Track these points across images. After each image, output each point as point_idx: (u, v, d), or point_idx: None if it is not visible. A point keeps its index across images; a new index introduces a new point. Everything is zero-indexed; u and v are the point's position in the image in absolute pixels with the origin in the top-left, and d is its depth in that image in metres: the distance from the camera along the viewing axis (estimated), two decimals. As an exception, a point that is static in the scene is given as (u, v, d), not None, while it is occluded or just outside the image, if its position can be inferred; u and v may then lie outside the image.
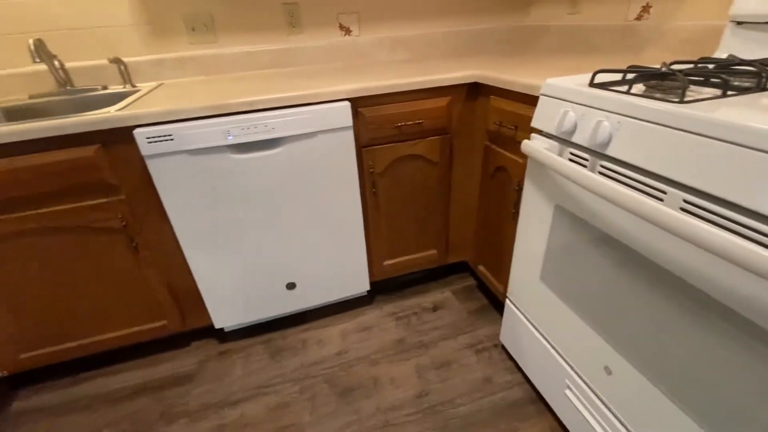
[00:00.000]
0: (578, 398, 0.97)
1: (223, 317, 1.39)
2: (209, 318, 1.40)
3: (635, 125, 0.68)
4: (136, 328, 1.32)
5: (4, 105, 1.32)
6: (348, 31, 1.66)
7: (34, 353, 1.26)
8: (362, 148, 1.29)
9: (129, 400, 1.27)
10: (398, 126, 1.27)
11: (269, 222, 1.26)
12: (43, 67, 1.40)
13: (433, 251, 1.58)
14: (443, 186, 1.44)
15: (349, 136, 1.22)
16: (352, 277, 1.49)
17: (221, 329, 1.53)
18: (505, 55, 1.59)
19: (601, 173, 0.77)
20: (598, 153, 0.78)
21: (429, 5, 1.71)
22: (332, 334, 1.48)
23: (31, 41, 1.22)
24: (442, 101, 1.28)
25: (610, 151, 0.74)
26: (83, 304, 1.24)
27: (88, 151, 1.04)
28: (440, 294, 1.65)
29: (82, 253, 1.16)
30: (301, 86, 1.20)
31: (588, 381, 0.93)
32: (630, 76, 0.86)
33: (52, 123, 0.99)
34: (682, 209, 0.62)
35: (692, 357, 0.65)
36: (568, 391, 1.01)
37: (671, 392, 0.70)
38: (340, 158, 1.24)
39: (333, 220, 1.34)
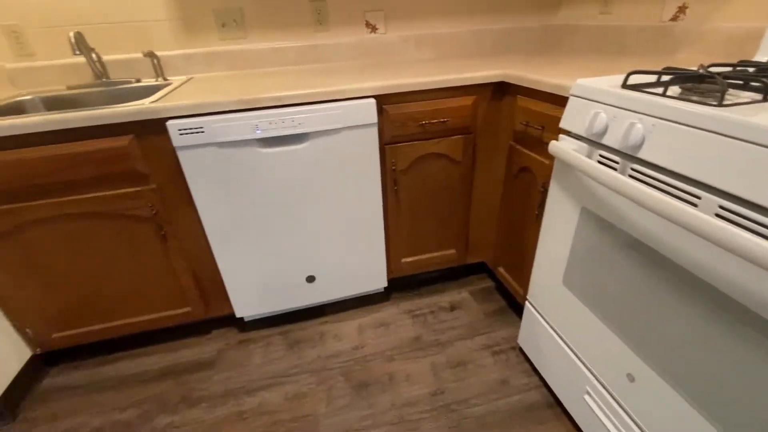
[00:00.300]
0: (598, 404, 0.96)
1: (244, 307, 1.42)
2: (231, 307, 1.43)
3: (670, 128, 0.67)
4: (161, 314, 1.36)
5: (44, 95, 1.38)
6: (374, 29, 1.67)
7: (66, 333, 1.31)
8: (385, 145, 1.29)
9: (153, 382, 1.32)
10: (422, 124, 1.27)
11: (292, 215, 1.28)
12: (81, 59, 1.45)
13: (452, 251, 1.58)
14: (465, 185, 1.44)
15: (373, 133, 1.23)
16: (371, 273, 1.50)
17: (241, 318, 1.56)
18: (533, 55, 1.57)
19: (631, 176, 0.76)
20: (629, 156, 0.76)
21: (457, 4, 1.70)
22: (349, 328, 1.50)
23: (71, 34, 1.27)
24: (467, 100, 1.28)
25: (643, 154, 0.72)
26: (113, 288, 1.28)
27: (123, 141, 1.08)
28: (458, 294, 1.65)
29: (114, 239, 1.21)
30: (328, 83, 1.21)
31: (609, 387, 0.92)
32: (665, 77, 0.84)
33: (90, 113, 1.03)
34: (717, 215, 0.60)
35: (723, 369, 0.63)
36: (587, 397, 0.99)
37: (698, 403, 0.69)
38: (363, 155, 1.25)
39: (354, 215, 1.35)
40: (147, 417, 1.20)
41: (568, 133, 0.96)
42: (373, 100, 1.18)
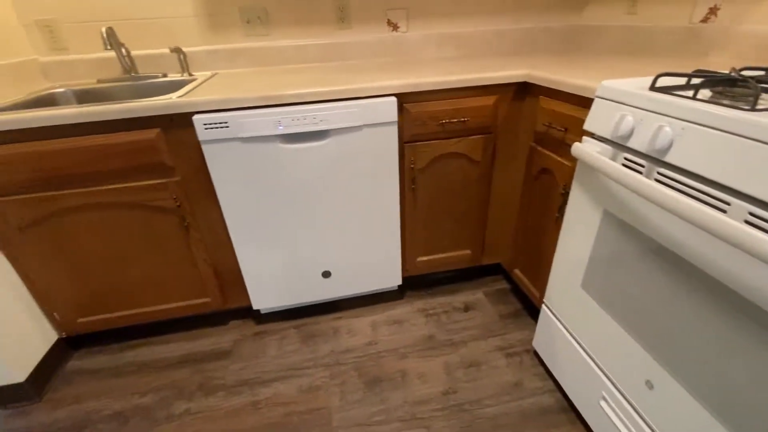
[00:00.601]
0: (614, 411, 0.95)
1: (261, 299, 1.44)
2: (248, 299, 1.46)
3: (700, 132, 0.66)
4: (181, 303, 1.40)
5: (75, 88, 1.43)
6: (396, 27, 1.67)
7: (90, 318, 1.36)
8: (405, 143, 1.30)
9: (172, 369, 1.36)
10: (442, 123, 1.27)
11: (311, 211, 1.30)
12: (111, 54, 1.50)
13: (468, 251, 1.57)
14: (483, 186, 1.43)
15: (393, 131, 1.24)
16: (385, 270, 1.51)
17: (257, 311, 1.59)
18: (556, 55, 1.55)
19: (657, 180, 0.74)
20: (656, 159, 0.75)
21: (479, 3, 1.69)
22: (363, 324, 1.51)
23: (103, 29, 1.31)
24: (488, 100, 1.27)
25: (670, 158, 0.71)
26: (136, 277, 1.32)
27: (150, 134, 1.11)
28: (472, 295, 1.64)
29: (139, 229, 1.24)
30: (349, 80, 1.22)
31: (626, 394, 0.90)
32: (696, 80, 0.82)
33: (121, 106, 1.06)
34: (747, 222, 0.59)
35: (749, 380, 0.62)
36: (603, 403, 0.98)
37: (720, 414, 0.67)
38: (382, 152, 1.26)
39: (371, 213, 1.36)
40: (165, 402, 1.24)
41: (592, 135, 0.95)
42: (394, 99, 1.19)
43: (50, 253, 1.22)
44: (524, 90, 1.30)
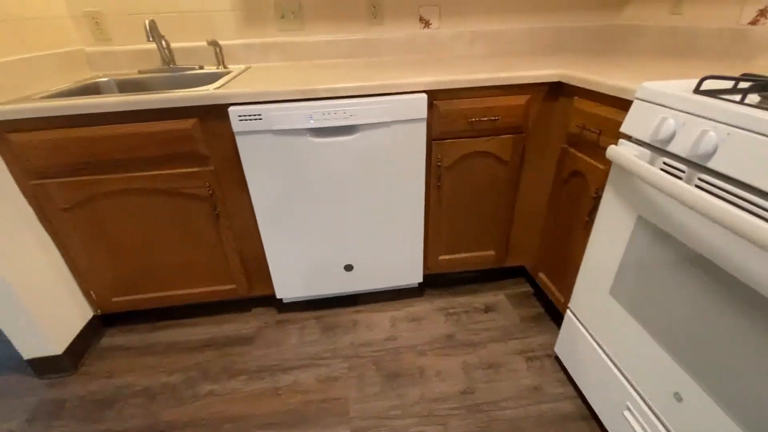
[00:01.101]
0: (638, 422, 0.92)
1: (284, 289, 1.48)
2: (272, 288, 1.50)
3: (747, 138, 0.63)
4: (209, 288, 1.45)
5: (118, 78, 1.49)
6: (428, 24, 1.67)
7: (124, 298, 1.43)
8: (433, 140, 1.29)
9: (198, 351, 1.41)
10: (471, 121, 1.26)
11: (337, 204, 1.32)
12: (152, 45, 1.56)
13: (491, 252, 1.56)
14: (510, 186, 1.41)
15: (422, 128, 1.24)
16: (407, 267, 1.52)
17: (280, 300, 1.63)
18: (592, 55, 1.51)
19: (698, 186, 0.72)
20: (697, 165, 0.72)
21: (514, 1, 1.66)
22: (382, 319, 1.52)
23: (146, 22, 1.36)
24: (520, 99, 1.25)
25: (713, 164, 0.68)
26: (168, 261, 1.38)
27: (187, 123, 1.15)
28: (493, 296, 1.63)
29: (172, 215, 1.29)
30: (381, 76, 1.23)
31: (652, 405, 0.88)
32: (743, 84, 0.79)
33: (161, 96, 1.10)
34: (796, 234, 0.56)
35: (787, 395, 0.60)
36: (627, 413, 0.96)
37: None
38: (410, 149, 1.26)
39: (395, 209, 1.37)
40: (191, 383, 1.29)
41: (629, 138, 0.92)
42: (424, 95, 1.19)
43: (90, 234, 1.29)
44: (558, 90, 1.27)
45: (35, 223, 1.23)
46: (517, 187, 1.43)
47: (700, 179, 0.72)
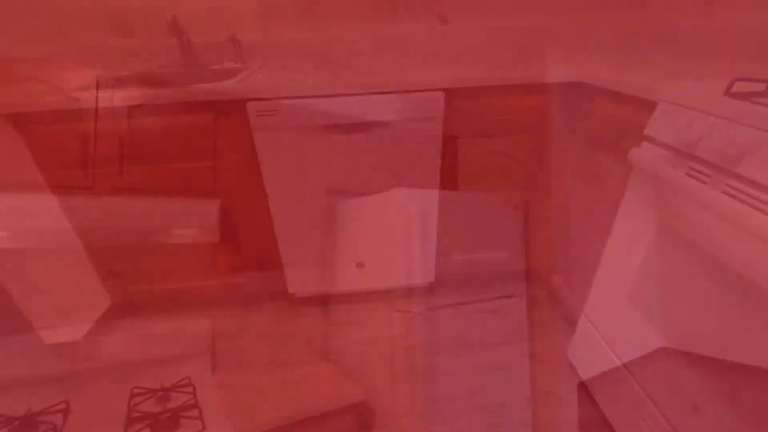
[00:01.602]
0: (654, 432, 0.90)
1: (297, 284, 1.49)
2: (284, 282, 1.51)
3: (781, 143, 0.60)
4: (222, 281, 1.47)
5: (139, 72, 1.52)
6: (445, 21, 1.65)
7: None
8: (448, 139, 1.28)
9: (210, 343, 1.43)
10: (488, 121, 1.25)
11: (353, 201, 1.32)
12: (173, 40, 1.58)
13: (506, 253, 1.54)
14: (527, 187, 1.39)
15: (438, 126, 1.23)
16: (419, 265, 1.51)
17: (292, 294, 1.64)
18: (615, 55, 1.48)
19: (725, 192, 0.69)
20: (725, 170, 0.70)
21: (534, -3, 1.64)
22: (392, 317, 1.52)
23: (168, 17, 1.38)
24: (539, 99, 1.24)
25: (742, 170, 0.66)
26: (181, 251, 1.40)
27: (206, 118, 1.17)
28: (506, 298, 1.61)
29: (189, 208, 1.31)
30: (397, 74, 1.23)
31: (669, 417, 0.86)
32: (777, 87, 0.75)
33: (181, 90, 1.12)
34: (831, 245, 0.54)
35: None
36: (642, 423, 0.94)
37: (778, 447, 0.63)
38: (425, 147, 1.26)
39: (408, 206, 1.36)
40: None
41: (652, 141, 0.89)
42: (441, 93, 1.18)
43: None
44: (578, 90, 1.24)
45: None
46: (534, 188, 1.41)
47: (727, 185, 0.69)
